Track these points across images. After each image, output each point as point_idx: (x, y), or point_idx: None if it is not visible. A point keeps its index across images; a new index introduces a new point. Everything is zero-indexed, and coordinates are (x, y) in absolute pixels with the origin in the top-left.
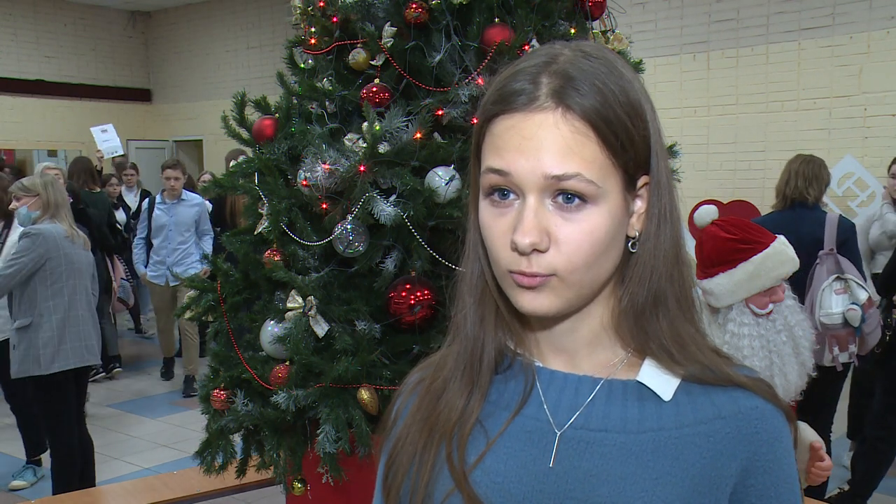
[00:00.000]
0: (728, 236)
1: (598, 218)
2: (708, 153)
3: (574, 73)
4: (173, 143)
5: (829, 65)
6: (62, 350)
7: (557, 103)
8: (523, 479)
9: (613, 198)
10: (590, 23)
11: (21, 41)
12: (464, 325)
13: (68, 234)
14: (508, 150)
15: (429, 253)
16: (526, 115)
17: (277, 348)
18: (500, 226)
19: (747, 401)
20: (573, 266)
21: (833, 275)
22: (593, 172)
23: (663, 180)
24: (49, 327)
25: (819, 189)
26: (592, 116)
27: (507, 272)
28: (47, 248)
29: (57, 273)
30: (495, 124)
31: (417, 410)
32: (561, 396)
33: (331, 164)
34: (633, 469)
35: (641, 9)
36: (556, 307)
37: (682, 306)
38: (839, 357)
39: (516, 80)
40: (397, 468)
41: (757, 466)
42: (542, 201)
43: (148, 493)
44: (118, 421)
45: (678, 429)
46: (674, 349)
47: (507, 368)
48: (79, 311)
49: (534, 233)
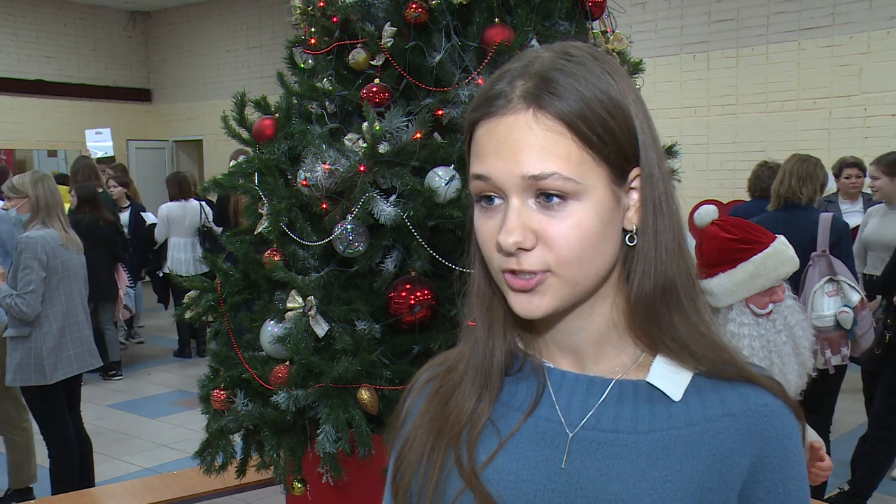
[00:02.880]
0: (728, 236)
1: (582, 212)
2: (708, 153)
3: (548, 73)
4: (173, 143)
5: (829, 65)
6: (64, 358)
7: (529, 104)
8: (535, 478)
9: (598, 192)
10: (590, 23)
11: (21, 41)
12: (472, 329)
13: (63, 240)
14: (487, 155)
15: (429, 253)
16: (500, 118)
17: (277, 348)
18: (489, 228)
19: (757, 398)
20: (564, 261)
21: (825, 276)
22: (571, 169)
23: (655, 171)
24: (51, 336)
25: (813, 188)
26: (565, 114)
27: (500, 273)
28: (45, 253)
29: (54, 281)
30: (477, 130)
31: (426, 412)
32: (572, 397)
33: (331, 164)
34: (643, 467)
35: (641, 9)
36: (553, 306)
37: (689, 297)
38: (831, 360)
39: (496, 84)
40: (405, 468)
41: (766, 463)
42: (524, 201)
43: (148, 493)
44: (118, 421)
45: (688, 427)
46: (688, 341)
47: (518, 370)
48: (77, 317)
49: (517, 232)
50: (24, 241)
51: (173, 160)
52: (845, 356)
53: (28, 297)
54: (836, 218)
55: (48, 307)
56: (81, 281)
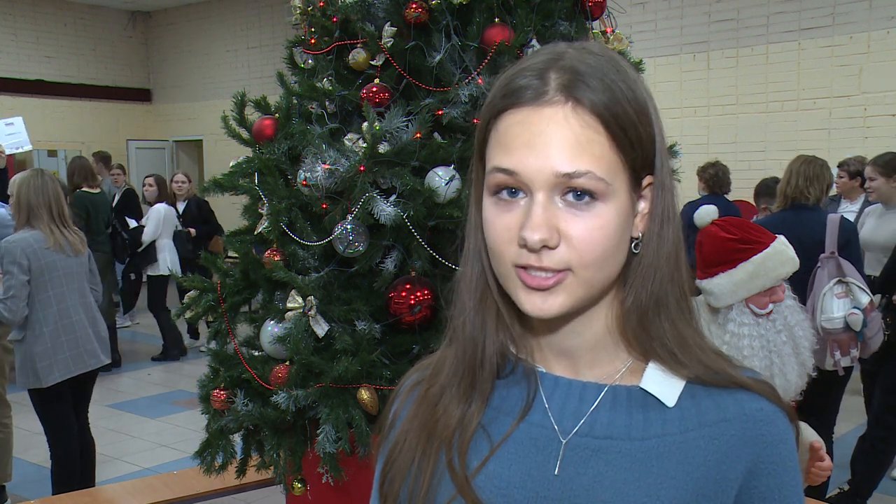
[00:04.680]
0: (728, 236)
1: (608, 214)
2: (708, 153)
3: (582, 68)
4: (173, 143)
5: (829, 65)
6: (60, 360)
7: (567, 97)
8: (527, 484)
9: (621, 196)
10: (590, 23)
11: (21, 41)
12: (462, 328)
13: (49, 242)
14: (517, 148)
15: (429, 253)
16: (534, 109)
17: (277, 348)
18: (505, 221)
19: (752, 403)
20: (586, 262)
21: (834, 278)
22: (603, 169)
23: (667, 181)
24: (42, 340)
25: (820, 189)
26: (602, 111)
27: (512, 268)
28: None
29: (41, 284)
30: (501, 120)
31: (414, 417)
32: (565, 403)
33: (331, 164)
34: (638, 475)
35: (641, 9)
36: (567, 307)
37: (681, 308)
38: (840, 361)
39: (522, 76)
40: (394, 476)
41: (761, 469)
42: (551, 198)
43: (148, 493)
44: (118, 421)
45: (682, 433)
46: (677, 350)
47: (510, 373)
48: (72, 318)
49: (543, 229)
50: (3, 246)
51: (173, 160)
52: (854, 358)
53: (9, 302)
54: (844, 219)
55: (38, 311)
56: (77, 281)
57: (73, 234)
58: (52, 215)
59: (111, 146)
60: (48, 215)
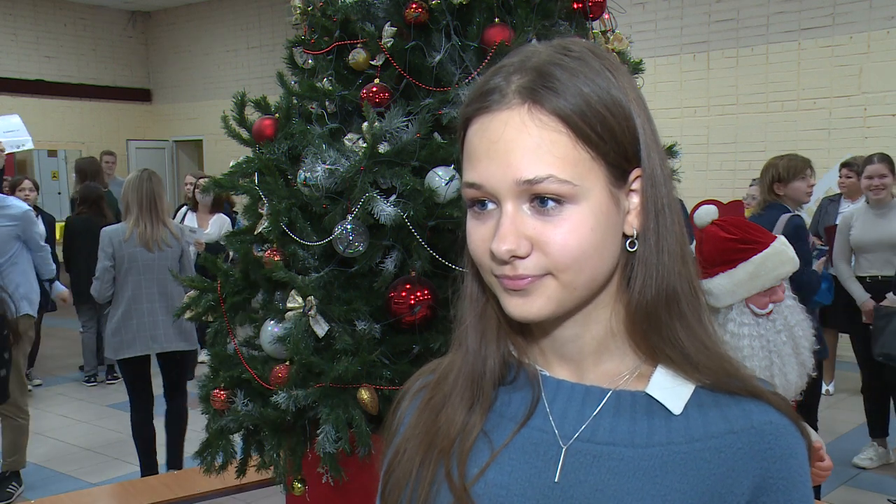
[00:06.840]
0: (728, 236)
1: (579, 216)
2: (708, 153)
3: (545, 68)
4: (173, 143)
5: (828, 65)
6: (127, 339)
7: (524, 99)
8: (526, 492)
9: (596, 194)
10: (590, 23)
11: (21, 41)
12: (465, 339)
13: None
14: (479, 159)
15: (429, 253)
16: (494, 114)
17: (277, 348)
18: (481, 233)
19: (761, 415)
20: (562, 266)
21: None
22: (567, 171)
23: (657, 172)
24: (115, 319)
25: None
26: (562, 110)
27: (493, 277)
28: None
29: (122, 271)
30: (470, 127)
31: (417, 424)
32: (567, 407)
33: (331, 164)
34: (641, 484)
35: (641, 9)
36: (549, 310)
37: (692, 305)
38: None
39: (492, 78)
40: (394, 483)
41: (770, 484)
42: (518, 206)
43: (148, 493)
44: (118, 421)
45: (688, 443)
46: (690, 352)
47: (514, 380)
48: (143, 305)
49: (510, 239)
50: (101, 233)
51: (173, 160)
52: None
53: (95, 282)
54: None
55: (118, 294)
56: (158, 272)
57: (167, 230)
58: (142, 211)
59: (111, 146)
60: (138, 211)
